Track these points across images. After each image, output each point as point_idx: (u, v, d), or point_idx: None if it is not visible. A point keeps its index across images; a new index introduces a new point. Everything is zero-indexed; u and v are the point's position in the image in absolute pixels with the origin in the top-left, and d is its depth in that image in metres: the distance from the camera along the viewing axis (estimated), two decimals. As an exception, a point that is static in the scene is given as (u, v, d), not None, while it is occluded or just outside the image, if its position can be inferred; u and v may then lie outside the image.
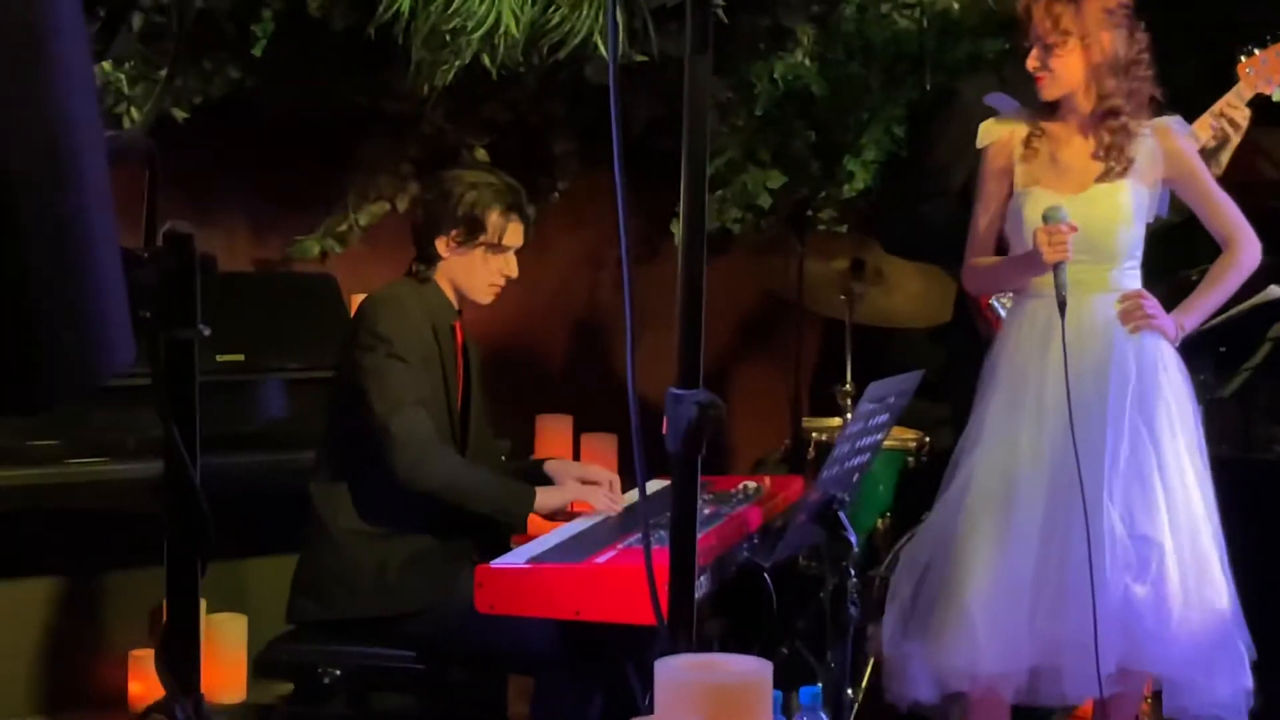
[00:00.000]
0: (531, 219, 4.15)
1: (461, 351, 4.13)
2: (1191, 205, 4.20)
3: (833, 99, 5.65)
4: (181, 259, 1.89)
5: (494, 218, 4.04)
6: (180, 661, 1.89)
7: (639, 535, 3.50)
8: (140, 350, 1.80)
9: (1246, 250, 4.14)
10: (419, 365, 3.91)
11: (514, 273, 4.12)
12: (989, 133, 4.21)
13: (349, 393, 3.91)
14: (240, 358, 4.72)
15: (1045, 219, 3.94)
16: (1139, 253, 4.14)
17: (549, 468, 4.26)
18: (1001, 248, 4.26)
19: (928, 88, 5.45)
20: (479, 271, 4.07)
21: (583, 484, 4.12)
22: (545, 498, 3.98)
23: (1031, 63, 4.03)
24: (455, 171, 4.14)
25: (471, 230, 4.03)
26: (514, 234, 4.09)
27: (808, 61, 5.41)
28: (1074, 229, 3.92)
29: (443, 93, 4.72)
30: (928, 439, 5.51)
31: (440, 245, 4.05)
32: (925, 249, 4.76)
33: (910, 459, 5.47)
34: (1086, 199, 4.07)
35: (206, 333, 1.93)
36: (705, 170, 2.25)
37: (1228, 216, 4.17)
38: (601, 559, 3.41)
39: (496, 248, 4.06)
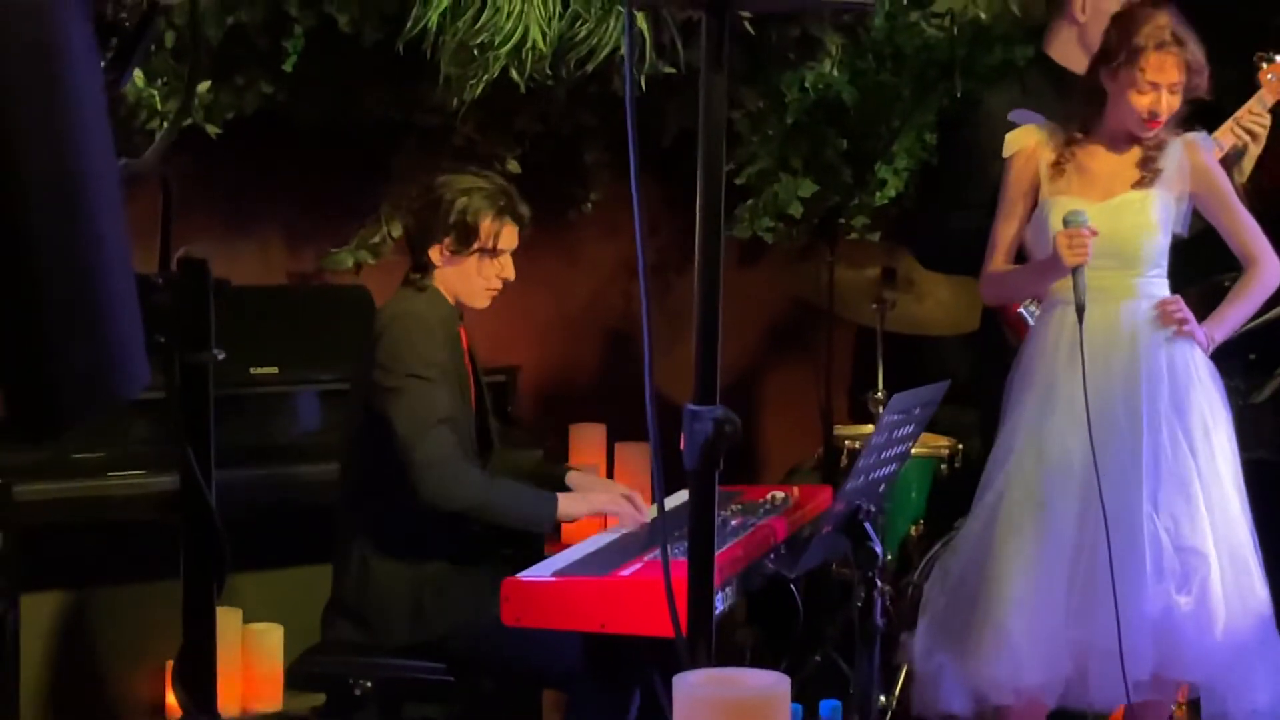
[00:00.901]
0: (526, 219, 4.07)
1: (468, 357, 4.12)
2: (1214, 223, 4.20)
3: (863, 107, 5.64)
4: (196, 283, 1.90)
5: (486, 223, 3.98)
6: (197, 679, 1.90)
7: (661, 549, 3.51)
8: (155, 374, 1.82)
9: (1268, 270, 4.15)
10: (441, 381, 3.85)
11: (510, 275, 4.06)
12: (1015, 142, 4.21)
13: (369, 416, 3.86)
14: (274, 370, 4.74)
15: (1065, 222, 3.94)
16: (1165, 261, 4.13)
17: (571, 479, 4.22)
18: (1020, 259, 4.25)
19: (959, 94, 5.43)
20: (474, 278, 4.01)
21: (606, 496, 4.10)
22: (567, 505, 3.93)
23: (1157, 108, 4.00)
24: (445, 177, 4.06)
25: (464, 237, 3.97)
26: (508, 237, 4.03)
27: (837, 71, 5.40)
28: (1094, 233, 3.92)
29: (473, 105, 4.73)
30: (960, 446, 5.49)
31: (434, 254, 3.99)
32: (959, 263, 4.75)
33: (943, 466, 5.45)
34: (1114, 206, 4.07)
35: (221, 356, 1.94)
36: (721, 187, 2.25)
37: (1249, 236, 4.17)
38: (626, 572, 3.41)
39: (491, 252, 4.01)
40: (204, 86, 4.52)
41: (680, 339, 5.74)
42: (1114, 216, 4.03)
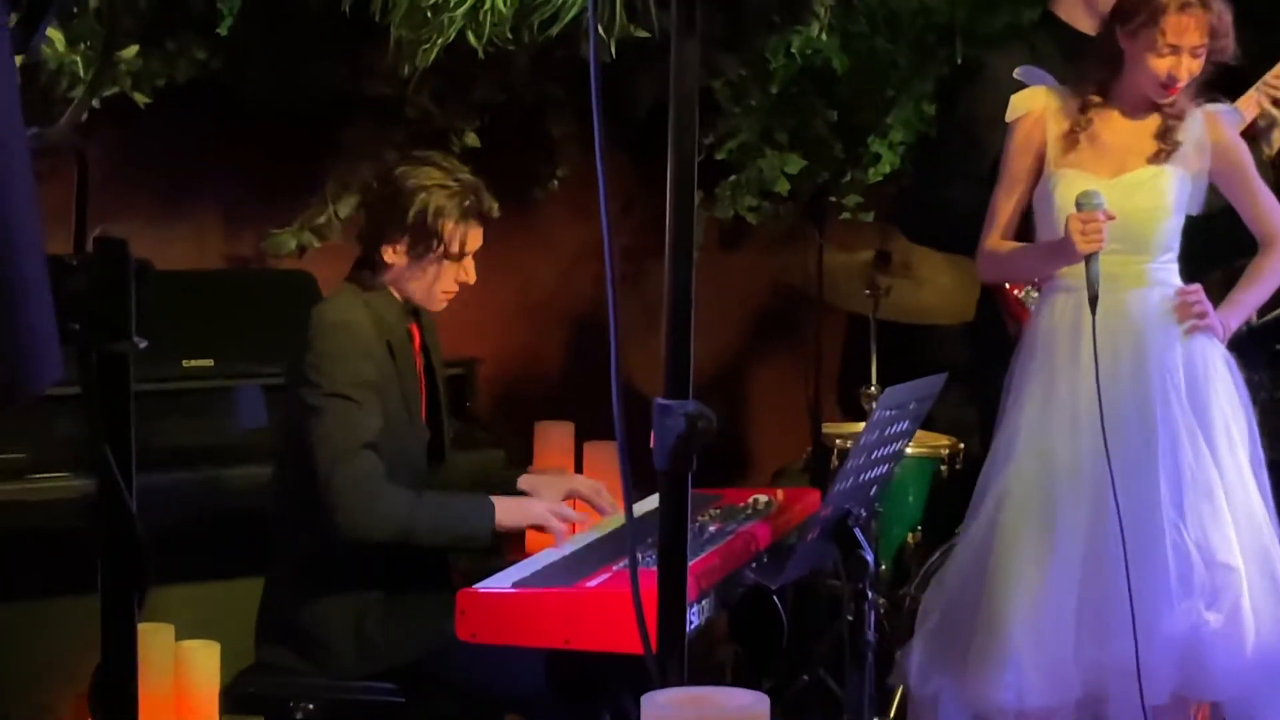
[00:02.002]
0: (494, 213, 4.02)
1: (420, 354, 4.10)
2: (1233, 201, 4.20)
3: (855, 75, 5.64)
4: (114, 265, 1.88)
5: (449, 226, 3.92)
6: (116, 701, 1.89)
7: (628, 558, 3.50)
8: (69, 366, 1.81)
9: None
10: (369, 402, 3.80)
11: (471, 279, 4.02)
12: (1020, 105, 4.19)
13: (297, 432, 3.84)
14: (209, 363, 4.73)
15: (1079, 205, 3.92)
16: (1176, 245, 4.13)
17: (522, 483, 4.19)
18: (1023, 234, 4.25)
19: (959, 61, 5.43)
20: (430, 281, 3.97)
21: (563, 500, 4.08)
22: (505, 514, 3.87)
23: (1177, 72, 3.99)
24: (404, 168, 3.99)
25: (423, 241, 3.92)
26: (474, 240, 3.99)
27: (826, 35, 5.40)
28: (1111, 217, 3.91)
29: (428, 73, 4.72)
30: (962, 445, 5.50)
31: (387, 252, 3.94)
32: (951, 238, 4.76)
33: (942, 467, 5.47)
34: (1126, 185, 4.06)
35: (142, 345, 1.93)
36: (694, 163, 2.25)
37: (1271, 216, 4.17)
38: (593, 583, 3.41)
39: (452, 256, 3.96)
40: (131, 52, 4.50)
41: (656, 329, 5.72)
42: (1126, 196, 4.02)
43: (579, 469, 5.58)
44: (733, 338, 6.53)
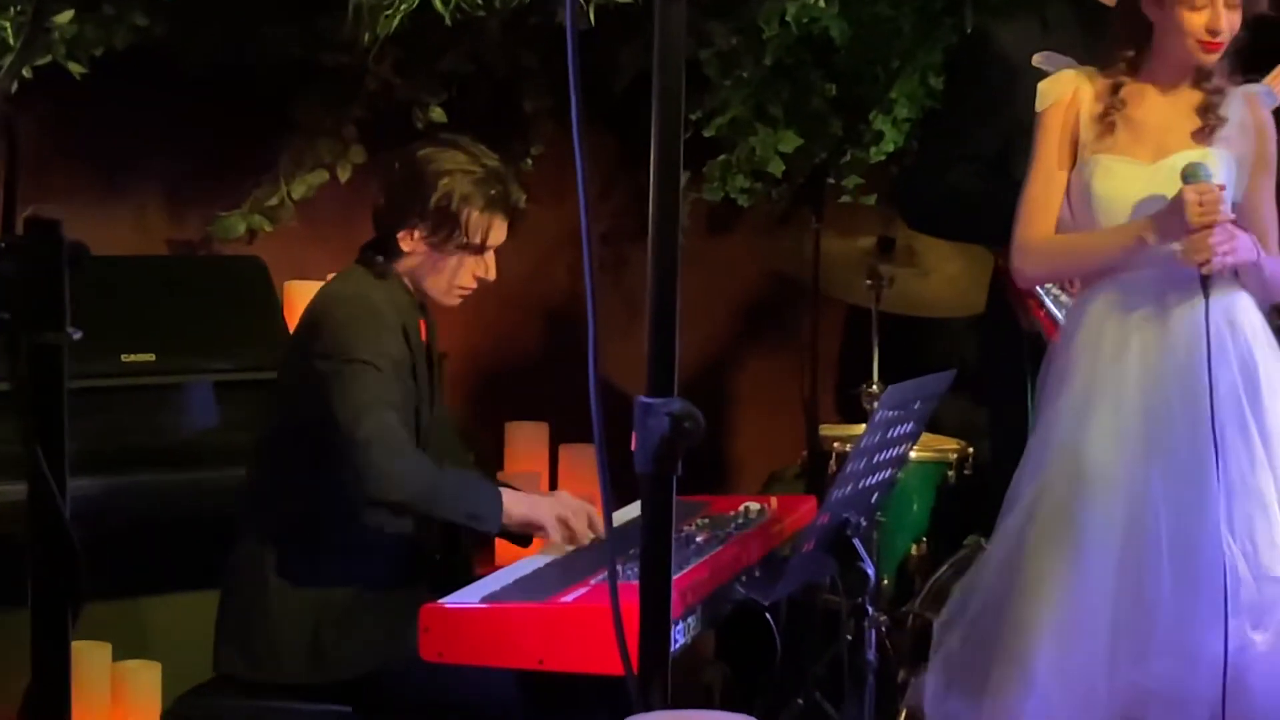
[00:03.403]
0: (520, 209, 4.05)
1: (428, 352, 4.11)
2: (1246, 194, 4.16)
3: (856, 45, 5.63)
4: (46, 249, 1.88)
5: (474, 216, 3.94)
6: (48, 725, 1.89)
7: (608, 570, 3.51)
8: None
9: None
10: (392, 372, 3.84)
11: (492, 275, 4.05)
12: (1050, 92, 4.16)
13: (288, 413, 3.85)
14: (150, 358, 4.72)
15: (1187, 177, 3.87)
16: None
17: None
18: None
19: (968, 31, 5.43)
20: (447, 275, 4.00)
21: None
22: (515, 502, 3.91)
23: (1217, 24, 3.98)
24: (428, 150, 4.02)
25: (445, 229, 3.94)
26: (497, 233, 4.01)
27: (824, 2, 5.40)
28: (1223, 188, 3.88)
29: (390, 41, 4.72)
30: (970, 449, 5.50)
31: (404, 240, 3.96)
32: (954, 225, 4.76)
33: (949, 472, 5.46)
34: (1169, 169, 4.02)
35: (77, 335, 1.93)
36: (680, 140, 2.25)
37: (1272, 221, 4.16)
38: (569, 598, 3.41)
39: (474, 249, 3.99)
40: (66, 17, 4.49)
41: (638, 322, 5.73)
42: (1170, 182, 3.99)
43: (553, 473, 5.59)
44: (721, 331, 6.53)
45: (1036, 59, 4.42)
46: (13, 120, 1.95)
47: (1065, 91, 4.14)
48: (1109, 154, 4.06)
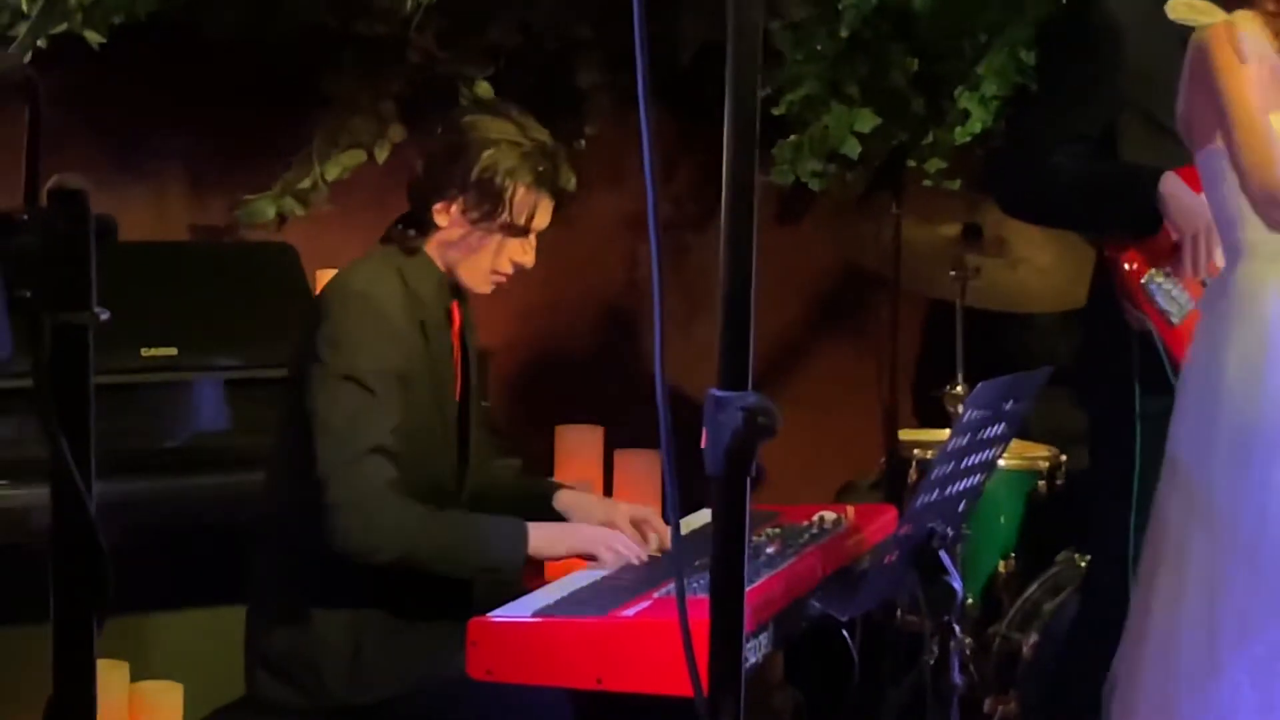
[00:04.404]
0: (568, 192, 4.01)
1: (459, 339, 4.10)
2: None
3: (940, 16, 5.63)
4: (71, 221, 1.88)
5: (520, 192, 3.91)
6: (71, 742, 1.90)
7: (675, 582, 3.50)
8: (19, 341, 1.81)
9: None
10: (387, 388, 3.79)
11: (530, 261, 4.01)
12: (1185, 10, 4.00)
13: (300, 418, 3.83)
14: (172, 352, 4.74)
15: None
16: None
17: (561, 502, 4.17)
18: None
19: (1064, 0, 5.43)
20: (485, 256, 3.96)
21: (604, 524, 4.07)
22: (541, 542, 3.86)
23: None
24: (473, 117, 3.99)
25: (487, 203, 3.90)
26: (543, 215, 3.97)
27: (906, -31, 5.41)
28: None
29: (432, 10, 4.73)
30: (1063, 457, 5.49)
31: (440, 213, 3.93)
32: (1056, 210, 4.74)
33: (1040, 483, 5.46)
34: None
35: (104, 316, 1.93)
36: (756, 112, 2.22)
37: None
38: (629, 612, 3.40)
39: (515, 230, 3.96)
40: (84, -18, 4.52)
41: (699, 316, 5.75)
42: None
43: (607, 479, 5.59)
44: (791, 327, 6.53)
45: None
46: (36, 85, 1.94)
47: (1215, 15, 3.98)
48: (1276, 110, 3.92)
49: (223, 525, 4.42)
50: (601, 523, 4.08)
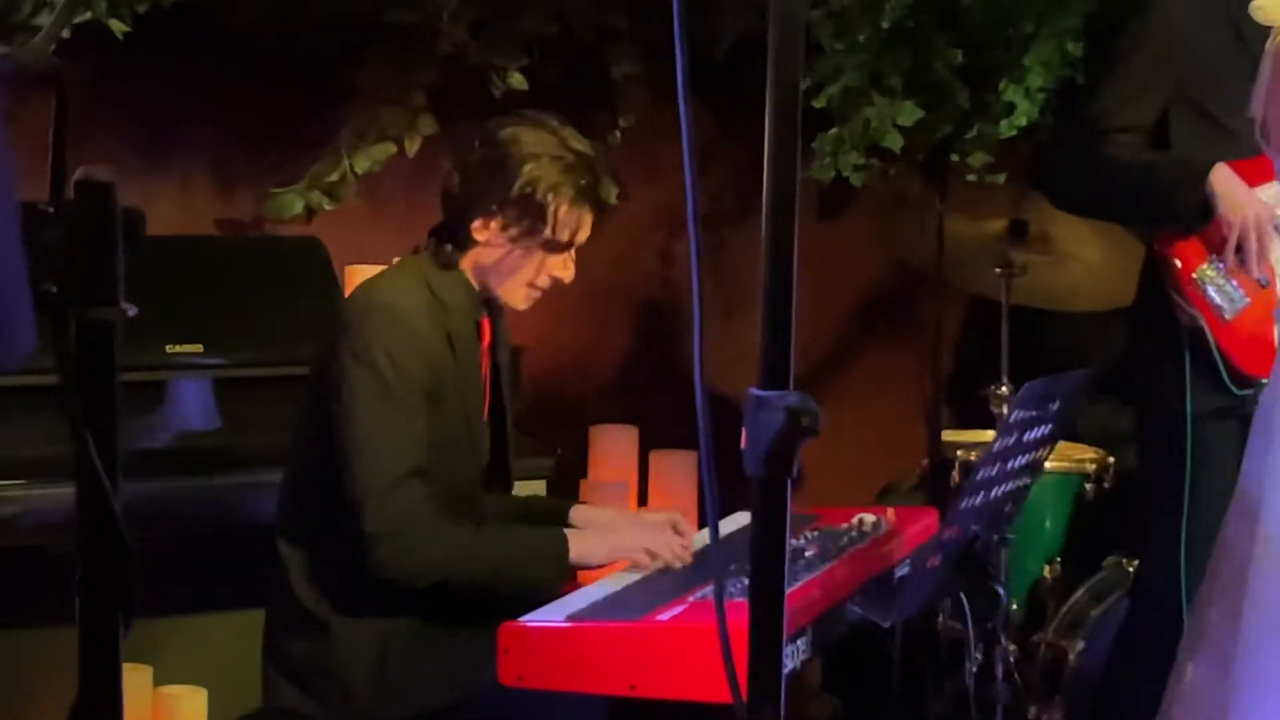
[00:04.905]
0: (610, 206, 4.00)
1: (489, 355, 4.09)
2: None
3: (985, 6, 5.63)
4: (98, 215, 1.89)
5: (563, 209, 3.90)
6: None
7: (713, 586, 3.50)
8: (44, 336, 1.82)
9: None
10: (419, 404, 3.80)
11: (570, 277, 4.01)
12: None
13: (325, 427, 3.83)
14: (198, 349, 4.74)
15: None
16: None
17: (578, 516, 4.17)
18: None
19: (1113, -9, 5.42)
20: (524, 273, 3.96)
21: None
22: (583, 547, 3.87)
23: None
24: (512, 129, 3.95)
25: (528, 220, 3.90)
26: (585, 229, 3.97)
27: (950, -43, 5.41)
28: None
29: (465, 0, 4.73)
30: (1111, 459, 5.48)
31: (479, 230, 3.92)
32: (1110, 206, 4.73)
33: (1088, 485, 5.45)
34: None
35: (132, 312, 1.93)
36: (798, 103, 2.22)
37: None
38: (665, 616, 3.41)
39: (557, 246, 3.94)
40: (109, -31, 4.54)
41: (736, 314, 5.75)
42: None
43: (642, 481, 5.58)
44: (832, 326, 6.53)
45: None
46: (61, 75, 1.95)
47: None
48: None
49: (250, 526, 4.42)
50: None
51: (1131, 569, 5.20)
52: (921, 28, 5.67)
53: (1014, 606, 5.30)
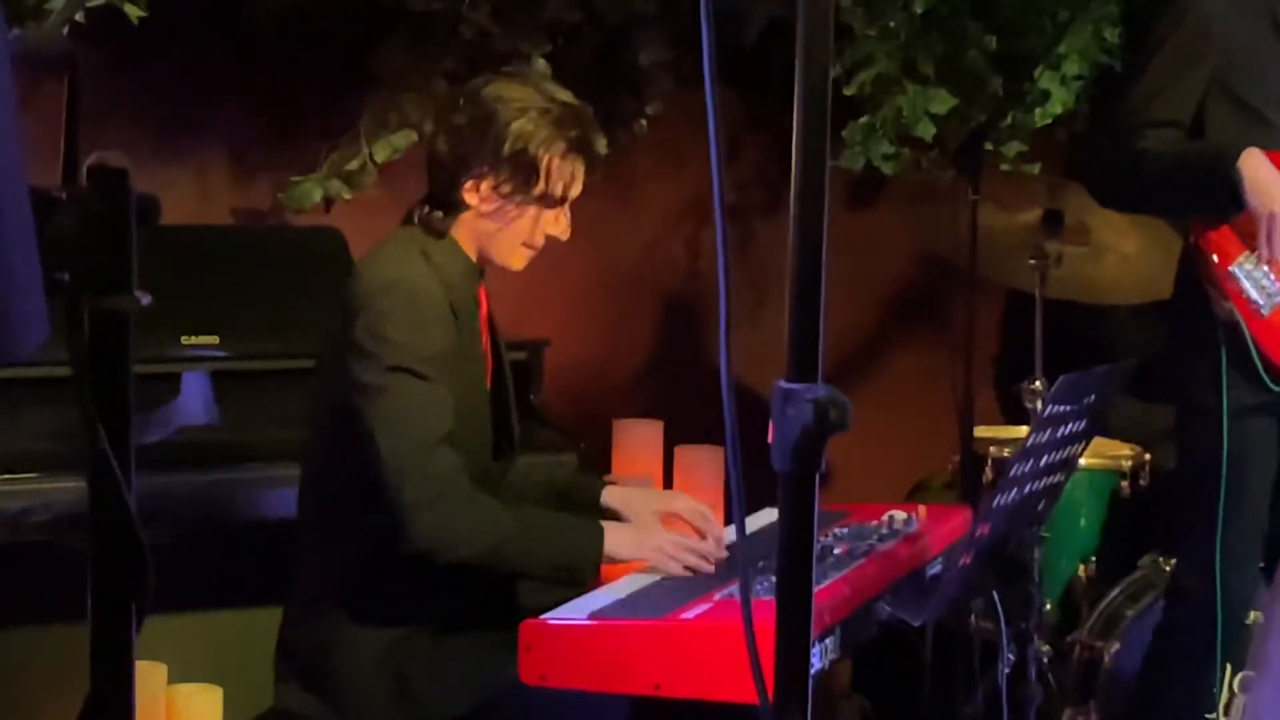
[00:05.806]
0: (602, 156, 4.00)
1: (487, 326, 4.09)
2: None
3: (1021, -9, 5.63)
4: (111, 201, 1.89)
5: (555, 163, 3.90)
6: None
7: (740, 584, 3.49)
8: (55, 325, 1.82)
9: None
10: (441, 371, 3.79)
11: (566, 233, 4.00)
12: None
13: (339, 416, 3.82)
14: (214, 340, 4.75)
15: None
16: None
17: (610, 496, 4.16)
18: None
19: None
20: (519, 231, 3.94)
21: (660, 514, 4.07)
22: (616, 543, 3.85)
23: None
24: (496, 86, 3.95)
25: (521, 177, 3.88)
26: (579, 182, 3.97)
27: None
28: None
29: (488, -16, 4.74)
30: (1147, 456, 5.46)
31: (470, 192, 3.91)
32: (1150, 198, 4.72)
33: (1123, 483, 5.44)
34: None
35: (146, 301, 1.93)
36: (827, 90, 2.22)
37: None
38: (690, 614, 3.41)
39: (551, 200, 3.94)
40: (123, -48, 4.54)
41: (764, 305, 5.76)
42: None
43: (667, 476, 5.58)
44: (862, 318, 6.52)
45: None
46: (75, 59, 1.95)
47: None
48: None
49: (265, 522, 4.43)
50: (657, 513, 4.09)
51: (1168, 568, 5.19)
52: (955, 14, 5.67)
53: (1047, 606, 5.29)
